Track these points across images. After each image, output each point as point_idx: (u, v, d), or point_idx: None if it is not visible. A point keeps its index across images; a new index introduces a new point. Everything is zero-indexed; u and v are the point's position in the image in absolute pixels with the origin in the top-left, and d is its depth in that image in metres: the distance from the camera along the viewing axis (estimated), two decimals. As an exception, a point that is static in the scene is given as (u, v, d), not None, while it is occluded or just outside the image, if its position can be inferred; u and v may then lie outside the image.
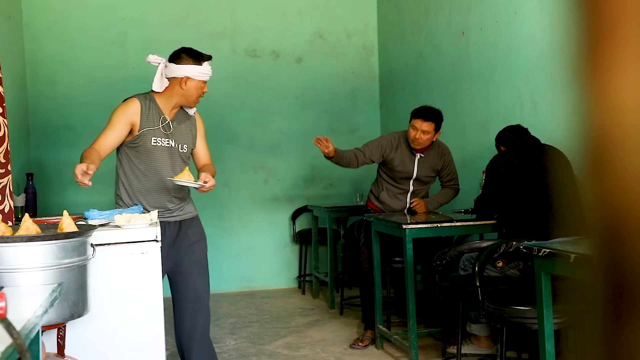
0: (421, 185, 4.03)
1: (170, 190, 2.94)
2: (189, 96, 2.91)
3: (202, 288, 3.01)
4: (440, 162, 3.99)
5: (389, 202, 4.04)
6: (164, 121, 2.90)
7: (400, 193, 4.03)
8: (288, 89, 5.99)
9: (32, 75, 5.32)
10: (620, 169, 0.34)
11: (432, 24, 5.07)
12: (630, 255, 0.34)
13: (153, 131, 2.87)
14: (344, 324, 4.55)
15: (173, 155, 2.93)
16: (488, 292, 2.88)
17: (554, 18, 3.42)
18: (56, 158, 5.38)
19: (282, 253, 5.95)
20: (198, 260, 3.01)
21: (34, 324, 1.34)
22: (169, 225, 2.95)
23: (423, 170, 3.96)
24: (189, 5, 5.73)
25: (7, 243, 1.90)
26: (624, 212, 0.34)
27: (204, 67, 2.92)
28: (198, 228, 3.06)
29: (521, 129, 3.40)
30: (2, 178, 2.67)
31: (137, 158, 2.90)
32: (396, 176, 4.00)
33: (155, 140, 2.88)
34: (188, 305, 3.00)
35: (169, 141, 2.91)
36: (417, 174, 3.97)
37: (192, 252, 3.00)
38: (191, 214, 3.04)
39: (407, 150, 3.94)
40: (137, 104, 2.87)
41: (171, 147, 2.92)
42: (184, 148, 2.97)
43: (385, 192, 4.05)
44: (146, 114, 2.87)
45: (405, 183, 4.00)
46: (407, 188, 4.01)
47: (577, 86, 0.36)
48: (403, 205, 4.04)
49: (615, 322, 0.35)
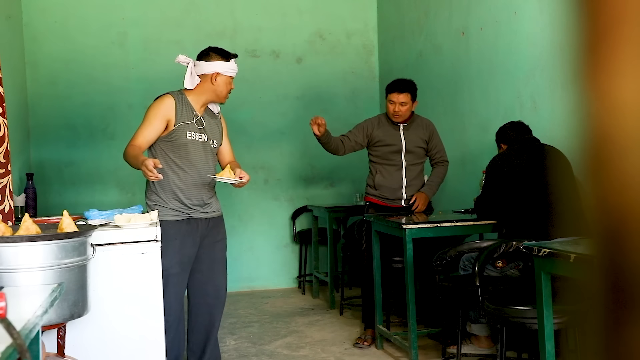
0: (413, 158, 4.00)
1: (206, 185, 3.05)
2: (219, 92, 3.04)
3: (222, 286, 3.13)
4: (427, 132, 4.03)
5: (385, 184, 4.01)
6: (196, 117, 3.03)
7: (395, 170, 4.00)
8: (288, 89, 5.99)
9: (32, 75, 5.32)
10: (620, 169, 0.34)
11: (432, 24, 5.07)
12: (630, 256, 0.34)
13: (187, 125, 2.98)
14: (344, 324, 4.55)
15: (206, 149, 3.05)
16: (488, 292, 2.88)
17: (554, 18, 3.42)
18: (56, 158, 5.38)
19: (282, 253, 5.95)
20: (220, 258, 3.13)
21: (34, 324, 1.34)
22: (201, 221, 3.04)
23: (411, 140, 3.98)
24: (189, 5, 5.73)
25: (7, 243, 1.90)
26: (624, 212, 0.34)
27: (231, 64, 3.04)
28: (223, 228, 3.19)
29: (522, 126, 3.40)
30: (2, 178, 2.67)
31: (173, 152, 2.98)
32: (386, 152, 3.99)
33: (190, 135, 2.99)
34: (208, 300, 3.09)
35: (202, 136, 3.03)
36: (407, 146, 3.97)
37: (215, 250, 3.11)
38: (219, 212, 3.15)
39: (390, 125, 4.01)
40: (172, 100, 2.98)
41: (204, 142, 3.04)
42: (214, 143, 3.10)
43: (380, 175, 4.02)
44: (180, 109, 2.98)
45: (397, 158, 3.98)
46: (400, 163, 3.99)
47: (577, 86, 0.36)
48: (400, 183, 3.99)
49: (615, 322, 0.35)
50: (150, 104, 3.03)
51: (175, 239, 2.92)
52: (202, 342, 3.11)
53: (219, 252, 3.11)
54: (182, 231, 2.95)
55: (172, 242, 2.90)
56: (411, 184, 4.02)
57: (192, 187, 2.99)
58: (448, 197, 4.83)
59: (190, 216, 2.99)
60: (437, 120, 4.98)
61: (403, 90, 3.92)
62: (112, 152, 5.51)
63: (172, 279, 2.89)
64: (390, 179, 4.02)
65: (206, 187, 3.05)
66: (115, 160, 5.52)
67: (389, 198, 4.04)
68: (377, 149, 4.03)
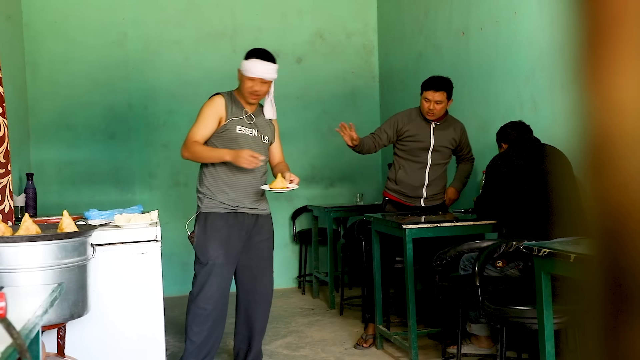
0: (439, 158, 3.96)
1: (255, 181, 3.14)
2: (243, 90, 3.14)
3: (269, 284, 3.25)
4: (457, 133, 4.00)
5: (406, 180, 3.97)
6: (246, 113, 3.15)
7: (419, 168, 3.96)
8: (288, 89, 5.98)
9: (32, 75, 5.32)
10: (620, 169, 0.34)
11: (432, 24, 5.07)
12: (630, 256, 0.34)
13: (238, 120, 3.11)
14: (344, 324, 4.55)
15: (257, 143, 3.15)
16: (488, 292, 2.88)
17: (554, 18, 3.42)
18: (56, 158, 5.38)
19: (282, 253, 5.94)
20: (267, 256, 3.24)
21: (34, 324, 1.34)
22: (248, 217, 3.14)
23: (440, 139, 3.93)
24: (189, 5, 5.73)
25: (7, 243, 1.90)
26: (624, 212, 0.34)
27: (249, 63, 3.09)
28: (271, 226, 3.28)
29: (523, 126, 3.40)
30: (2, 178, 2.67)
31: (224, 146, 3.09)
32: (413, 148, 3.95)
33: (240, 129, 3.11)
34: (255, 297, 3.21)
35: (252, 130, 3.14)
36: (435, 144, 3.93)
37: (263, 248, 3.21)
38: (267, 210, 3.24)
39: (422, 121, 3.95)
40: (222, 99, 3.14)
41: (255, 136, 3.15)
42: (265, 138, 3.19)
43: (403, 171, 3.99)
44: (230, 106, 3.14)
45: (423, 155, 3.94)
46: (425, 161, 3.95)
47: (577, 86, 0.36)
48: (422, 181, 3.96)
49: (615, 322, 0.35)
50: (204, 104, 3.17)
51: (222, 230, 3.08)
52: (247, 336, 3.25)
53: (267, 250, 3.23)
54: (229, 223, 3.10)
55: (218, 233, 3.06)
56: (433, 184, 3.98)
57: (242, 181, 3.11)
58: (448, 197, 4.83)
59: (237, 210, 3.11)
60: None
61: (439, 88, 3.84)
62: (112, 152, 5.51)
63: (216, 269, 3.05)
64: (413, 176, 3.98)
65: (254, 183, 3.14)
66: (115, 160, 5.53)
67: (408, 195, 4.00)
68: (406, 144, 3.98)
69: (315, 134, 6.04)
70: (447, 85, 3.88)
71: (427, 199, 4.00)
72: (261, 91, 3.12)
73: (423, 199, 3.99)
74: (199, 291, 3.05)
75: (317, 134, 6.04)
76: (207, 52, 5.75)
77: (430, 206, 4.01)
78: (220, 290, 3.06)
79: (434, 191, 4.00)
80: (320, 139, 6.03)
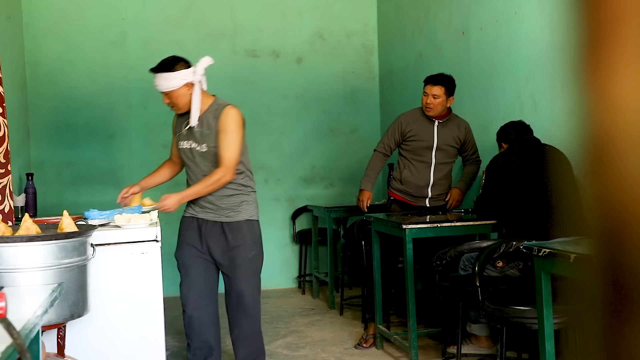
0: (443, 157, 3.96)
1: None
2: None
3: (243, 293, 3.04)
4: (462, 132, 3.99)
5: (411, 180, 3.98)
6: (186, 125, 3.04)
7: (423, 167, 3.96)
8: (288, 89, 5.98)
9: (32, 75, 5.32)
10: (620, 169, 0.34)
11: (432, 24, 5.07)
12: (630, 255, 0.34)
13: (179, 136, 3.09)
14: (344, 324, 4.55)
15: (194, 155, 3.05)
16: (488, 292, 2.88)
17: (554, 18, 3.42)
18: (56, 158, 5.38)
19: (282, 253, 5.95)
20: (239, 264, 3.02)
21: (34, 324, 1.34)
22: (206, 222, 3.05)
23: (443, 138, 3.94)
24: (189, 5, 5.73)
25: (7, 243, 1.90)
26: (624, 212, 0.34)
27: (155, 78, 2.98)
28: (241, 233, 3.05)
29: (523, 126, 3.40)
30: (2, 178, 2.67)
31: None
32: (417, 147, 3.96)
33: (180, 144, 3.08)
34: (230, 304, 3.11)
35: (190, 143, 3.05)
36: (438, 143, 3.93)
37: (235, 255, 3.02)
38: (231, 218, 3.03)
39: (425, 120, 3.96)
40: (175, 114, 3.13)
41: (192, 149, 3.04)
42: (202, 147, 3.02)
43: (407, 170, 4.00)
44: (177, 120, 3.15)
45: (427, 154, 3.95)
46: (429, 160, 3.95)
47: (577, 86, 0.36)
48: (427, 181, 3.96)
49: (615, 322, 0.35)
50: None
51: (182, 232, 3.11)
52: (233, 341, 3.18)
53: (238, 259, 3.03)
54: (187, 227, 3.10)
55: (181, 235, 3.12)
56: (438, 183, 3.98)
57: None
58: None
59: (195, 216, 3.08)
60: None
61: (437, 82, 3.87)
62: (112, 152, 5.51)
63: (182, 270, 3.08)
64: (418, 176, 3.98)
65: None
66: (115, 160, 5.53)
67: (413, 195, 4.01)
68: (409, 144, 3.99)
69: (315, 134, 6.04)
70: (446, 81, 3.89)
71: (433, 199, 4.00)
72: (171, 103, 2.97)
73: (428, 199, 3.99)
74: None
75: (317, 134, 6.04)
76: (207, 52, 5.68)
77: (435, 206, 4.01)
78: (193, 290, 3.01)
79: (439, 191, 4.00)
80: (320, 139, 6.02)
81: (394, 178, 4.12)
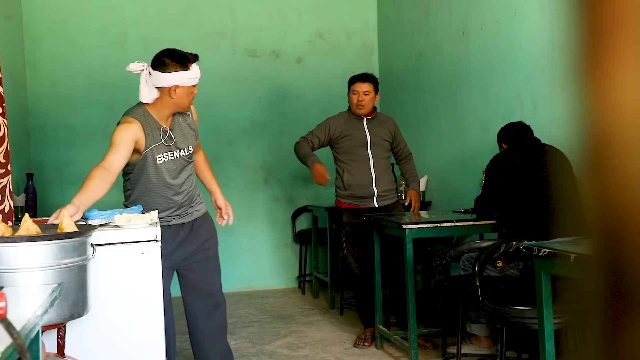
0: (379, 152, 3.98)
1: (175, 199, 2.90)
2: (181, 104, 2.79)
3: (217, 283, 3.04)
4: (392, 127, 4.08)
5: (354, 182, 3.96)
6: (164, 133, 2.79)
7: (363, 166, 3.96)
8: (288, 89, 5.98)
9: (32, 75, 5.32)
10: (620, 169, 0.34)
11: (432, 24, 5.07)
12: (630, 256, 0.34)
13: (157, 147, 2.77)
14: (344, 324, 4.55)
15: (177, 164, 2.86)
16: (488, 292, 2.88)
17: (554, 18, 3.42)
18: (56, 158, 5.38)
19: (282, 253, 5.95)
20: (211, 256, 3.03)
21: (34, 324, 1.34)
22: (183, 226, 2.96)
23: (375, 133, 3.99)
24: (189, 5, 5.73)
25: (7, 243, 1.90)
26: (623, 212, 0.34)
27: (192, 71, 2.76)
28: (209, 225, 3.05)
29: (524, 127, 3.40)
30: (2, 178, 2.67)
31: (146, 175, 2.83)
32: (352, 145, 3.97)
33: (160, 157, 2.78)
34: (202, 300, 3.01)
35: (173, 153, 2.82)
36: (372, 138, 3.98)
37: (205, 249, 3.01)
38: (199, 212, 3.01)
39: (354, 119, 4.03)
40: (138, 125, 2.73)
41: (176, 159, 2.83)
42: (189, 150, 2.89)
43: (348, 173, 3.98)
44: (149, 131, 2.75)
45: (362, 152, 3.96)
46: (367, 157, 3.96)
47: (577, 86, 0.36)
48: (370, 178, 3.95)
49: (615, 322, 0.35)
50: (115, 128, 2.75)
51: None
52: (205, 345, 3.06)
53: (210, 250, 3.03)
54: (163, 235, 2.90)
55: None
56: (381, 179, 3.98)
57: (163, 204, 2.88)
58: (448, 197, 4.83)
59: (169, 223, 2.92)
60: (437, 120, 4.99)
61: (366, 80, 4.00)
62: (112, 152, 5.51)
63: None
64: (360, 176, 3.97)
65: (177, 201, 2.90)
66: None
67: (361, 196, 3.98)
68: (342, 145, 4.01)
69: (315, 134, 6.03)
70: (373, 78, 4.04)
71: (381, 197, 3.99)
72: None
73: (376, 197, 3.98)
74: None
75: (317, 134, 6.03)
76: (207, 52, 5.73)
77: (385, 205, 4.00)
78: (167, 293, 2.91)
79: (385, 187, 3.99)
80: (320, 139, 6.02)
81: (337, 187, 4.08)
